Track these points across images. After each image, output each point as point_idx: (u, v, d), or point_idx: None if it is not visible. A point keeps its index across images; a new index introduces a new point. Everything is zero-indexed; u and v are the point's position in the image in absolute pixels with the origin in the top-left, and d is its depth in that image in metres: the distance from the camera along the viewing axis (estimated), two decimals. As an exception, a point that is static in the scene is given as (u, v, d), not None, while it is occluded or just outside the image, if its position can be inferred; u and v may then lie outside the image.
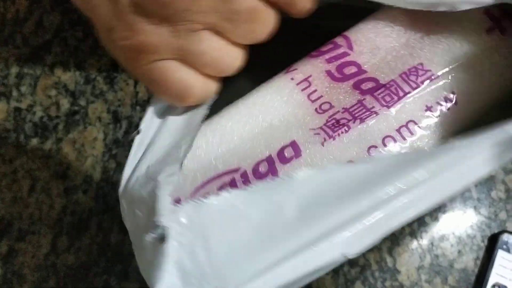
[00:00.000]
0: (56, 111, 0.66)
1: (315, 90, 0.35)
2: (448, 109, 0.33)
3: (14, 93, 0.67)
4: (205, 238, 0.27)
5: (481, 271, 0.59)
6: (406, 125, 0.33)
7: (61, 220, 0.62)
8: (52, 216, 0.63)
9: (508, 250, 0.58)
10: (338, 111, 0.34)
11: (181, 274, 0.28)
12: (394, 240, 0.60)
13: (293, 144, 0.33)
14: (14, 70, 0.68)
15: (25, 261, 0.61)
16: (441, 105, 0.33)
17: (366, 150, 0.32)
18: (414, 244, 0.60)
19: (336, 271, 0.59)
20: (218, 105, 0.36)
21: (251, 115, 0.34)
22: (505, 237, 0.59)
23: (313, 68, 0.36)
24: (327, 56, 0.36)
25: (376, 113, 0.33)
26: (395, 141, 0.32)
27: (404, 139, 0.32)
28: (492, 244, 0.60)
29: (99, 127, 0.64)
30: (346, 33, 0.37)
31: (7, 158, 0.64)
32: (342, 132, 0.32)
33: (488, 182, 0.62)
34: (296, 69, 0.36)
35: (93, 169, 0.64)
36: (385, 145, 0.32)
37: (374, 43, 0.36)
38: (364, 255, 0.60)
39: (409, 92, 0.33)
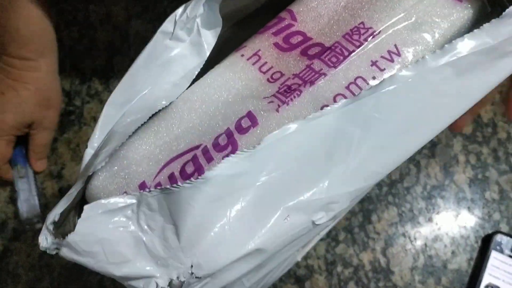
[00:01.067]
0: (51, 111, 0.66)
1: (266, 62, 0.35)
2: (394, 61, 0.33)
3: (11, 94, 0.67)
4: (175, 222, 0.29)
5: (474, 272, 0.58)
6: (354, 82, 0.33)
7: (56, 220, 0.62)
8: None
9: (501, 251, 0.58)
10: (289, 78, 0.34)
11: (154, 258, 0.29)
12: (387, 240, 0.60)
13: (249, 114, 0.33)
14: (10, 70, 0.68)
15: (19, 260, 0.61)
16: (386, 59, 0.33)
17: (319, 109, 0.32)
18: (408, 245, 0.60)
19: (330, 271, 0.59)
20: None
21: (207, 94, 0.35)
22: (499, 238, 0.58)
23: (261, 42, 0.36)
24: (273, 30, 0.36)
25: (324, 74, 0.33)
26: (345, 97, 0.32)
27: (354, 94, 0.32)
28: (485, 244, 0.59)
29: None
30: (289, 7, 0.37)
31: (3, 158, 0.64)
32: (294, 97, 0.33)
33: (482, 183, 0.62)
34: (245, 46, 0.36)
35: (88, 169, 0.64)
36: (336, 103, 0.32)
37: (316, 11, 0.36)
38: (357, 255, 0.60)
39: (353, 51, 0.34)
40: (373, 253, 0.59)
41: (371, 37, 0.34)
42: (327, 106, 0.32)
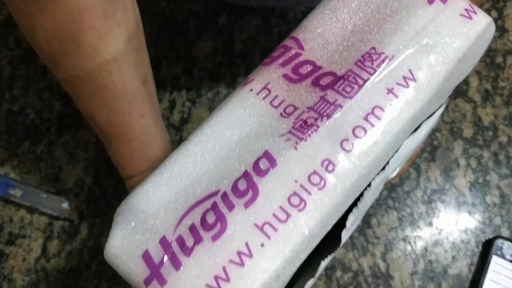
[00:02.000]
0: (48, 114, 0.65)
1: (276, 96, 0.33)
2: (410, 87, 0.32)
3: (7, 96, 0.66)
4: None
5: (475, 277, 0.57)
6: (372, 112, 0.31)
7: (52, 223, 0.61)
8: (43, 220, 0.61)
9: (502, 256, 0.57)
10: (303, 111, 0.32)
11: None
12: (387, 245, 0.59)
13: (267, 154, 0.31)
14: (6, 72, 0.67)
15: (15, 265, 0.59)
16: (401, 85, 0.32)
17: (339, 144, 0.31)
18: (408, 249, 0.59)
19: (329, 277, 0.58)
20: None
21: (218, 134, 0.33)
22: (500, 242, 0.57)
23: (269, 75, 0.34)
24: (280, 61, 0.34)
25: (340, 106, 0.32)
26: (365, 130, 0.31)
27: (373, 126, 0.31)
28: (486, 249, 0.58)
29: (91, 130, 0.62)
30: (294, 34, 0.35)
31: (-1, 161, 0.63)
32: (312, 132, 0.31)
33: (482, 187, 0.61)
34: (253, 79, 0.34)
35: (85, 172, 0.62)
36: (356, 136, 0.31)
37: (323, 38, 0.35)
38: (357, 260, 0.59)
39: (367, 79, 0.32)
40: (372, 258, 0.58)
41: (384, 63, 0.32)
42: (346, 140, 0.31)
